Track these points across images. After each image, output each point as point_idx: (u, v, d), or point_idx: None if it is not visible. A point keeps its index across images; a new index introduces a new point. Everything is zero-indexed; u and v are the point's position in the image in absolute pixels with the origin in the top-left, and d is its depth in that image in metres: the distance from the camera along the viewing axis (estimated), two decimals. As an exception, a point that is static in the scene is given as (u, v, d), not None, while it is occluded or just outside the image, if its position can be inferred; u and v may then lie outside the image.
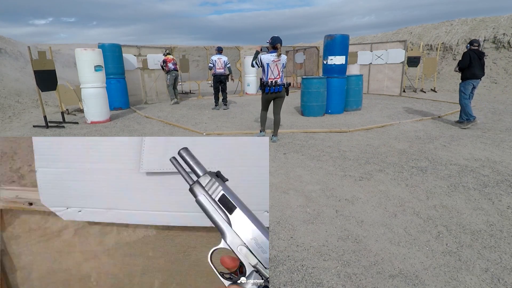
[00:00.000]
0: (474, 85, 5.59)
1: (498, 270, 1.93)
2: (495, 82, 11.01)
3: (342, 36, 7.06)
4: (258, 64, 4.61)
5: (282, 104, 4.90)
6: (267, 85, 4.62)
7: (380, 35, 18.18)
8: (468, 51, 5.51)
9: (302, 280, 1.88)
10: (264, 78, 4.66)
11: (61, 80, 8.97)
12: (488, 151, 4.25)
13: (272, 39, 4.58)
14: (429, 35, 14.69)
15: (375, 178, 3.43)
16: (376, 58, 10.90)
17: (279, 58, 4.55)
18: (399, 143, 4.75)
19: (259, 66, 4.62)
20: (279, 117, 4.93)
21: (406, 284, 1.83)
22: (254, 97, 11.54)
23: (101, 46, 8.27)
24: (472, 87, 5.59)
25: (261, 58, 4.56)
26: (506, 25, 12.05)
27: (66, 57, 16.18)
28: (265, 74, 4.61)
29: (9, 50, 11.46)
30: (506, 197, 2.89)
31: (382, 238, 2.30)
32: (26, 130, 6.33)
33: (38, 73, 6.19)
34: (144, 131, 6.05)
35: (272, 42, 4.58)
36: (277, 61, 4.56)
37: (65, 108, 7.71)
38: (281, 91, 4.70)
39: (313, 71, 12.68)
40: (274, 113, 4.93)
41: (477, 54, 5.46)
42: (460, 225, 2.45)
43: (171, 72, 9.19)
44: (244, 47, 25.38)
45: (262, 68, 4.62)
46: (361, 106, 7.95)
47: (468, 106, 5.62)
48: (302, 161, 4.04)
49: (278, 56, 4.53)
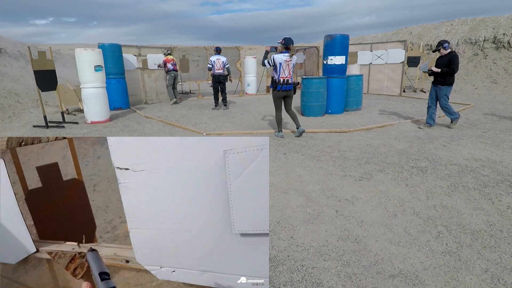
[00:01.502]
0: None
1: (498, 270, 1.93)
2: (495, 82, 11.01)
3: (342, 36, 7.06)
4: (271, 63, 4.78)
5: (291, 101, 5.17)
6: (279, 83, 4.84)
7: (380, 35, 18.17)
8: (455, 53, 5.22)
9: (302, 280, 1.88)
10: (275, 77, 4.85)
11: (61, 80, 8.98)
12: (488, 151, 4.25)
13: (285, 40, 4.76)
14: (429, 35, 14.69)
15: (375, 178, 3.43)
16: (376, 58, 10.91)
17: (291, 59, 4.75)
18: (399, 143, 4.75)
19: (271, 65, 4.79)
20: (292, 111, 5.21)
21: (406, 284, 1.83)
22: (254, 97, 11.55)
23: (101, 46, 8.27)
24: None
25: (274, 58, 4.73)
26: (506, 25, 12.05)
27: (66, 57, 16.18)
28: (277, 73, 4.80)
29: (9, 50, 11.46)
30: (506, 197, 2.89)
31: (382, 238, 2.30)
32: (26, 130, 6.33)
33: (38, 73, 6.19)
34: (144, 131, 6.05)
35: (285, 43, 4.76)
36: (289, 61, 4.75)
37: (65, 108, 7.71)
38: (291, 90, 4.96)
39: (313, 71, 12.68)
40: (286, 110, 5.18)
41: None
42: (460, 225, 2.45)
43: (170, 72, 9.21)
44: (244, 47, 25.39)
45: (274, 67, 4.79)
46: (361, 106, 7.95)
47: (450, 106, 5.52)
48: (302, 161, 4.04)
49: (290, 56, 4.73)
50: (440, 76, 5.30)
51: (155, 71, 10.11)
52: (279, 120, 5.22)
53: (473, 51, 12.64)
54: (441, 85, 5.35)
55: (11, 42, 12.46)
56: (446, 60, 5.21)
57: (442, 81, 5.33)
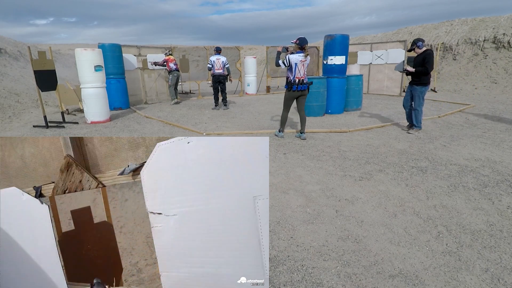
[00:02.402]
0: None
1: (498, 270, 1.93)
2: (495, 82, 11.01)
3: (342, 36, 7.06)
4: (286, 64, 4.80)
5: (305, 101, 5.16)
6: (295, 83, 4.86)
7: (380, 35, 18.17)
8: (431, 51, 4.97)
9: (302, 280, 1.88)
10: (291, 77, 4.87)
11: (61, 80, 8.98)
12: (488, 151, 4.25)
13: (299, 40, 4.79)
14: (429, 35, 14.69)
15: (375, 178, 3.43)
16: (376, 58, 10.90)
17: (305, 59, 4.79)
18: (399, 143, 4.75)
19: (286, 65, 4.81)
20: (304, 114, 5.17)
21: (406, 284, 1.83)
22: (254, 97, 11.55)
23: (101, 46, 8.27)
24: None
25: (289, 58, 4.75)
26: (506, 25, 12.05)
27: (66, 57, 16.19)
28: (293, 73, 4.82)
29: (9, 50, 11.46)
30: (506, 197, 2.89)
31: (382, 238, 2.30)
32: (26, 130, 6.33)
33: (38, 73, 6.19)
34: (144, 131, 6.05)
35: (299, 43, 4.78)
36: (304, 61, 4.79)
37: (65, 108, 7.71)
38: (305, 89, 4.98)
39: (313, 71, 12.69)
40: (299, 111, 5.16)
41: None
42: (460, 225, 2.45)
43: (173, 72, 9.19)
44: (244, 47, 25.39)
45: (290, 68, 4.82)
46: (361, 106, 7.95)
47: (421, 113, 5.30)
48: (302, 161, 4.04)
49: (305, 56, 4.77)
50: (415, 76, 5.13)
51: (155, 71, 10.10)
52: (284, 120, 5.20)
53: (473, 51, 12.64)
54: (416, 85, 5.15)
55: (11, 42, 12.46)
56: (420, 58, 5.00)
57: (417, 81, 5.12)
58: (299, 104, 5.11)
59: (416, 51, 5.10)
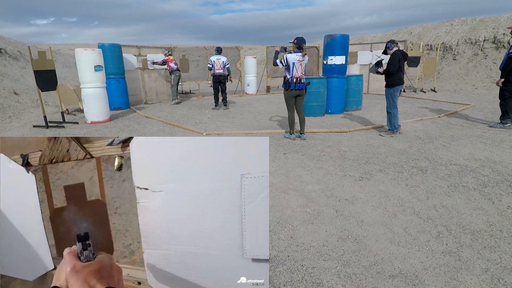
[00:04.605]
0: (400, 91, 5.14)
1: (498, 270, 1.93)
2: (495, 82, 11.00)
3: (342, 36, 7.06)
4: (283, 63, 4.80)
5: (303, 102, 5.15)
6: (292, 82, 4.86)
7: (380, 35, 18.17)
8: (396, 52, 4.92)
9: (302, 280, 1.88)
10: (288, 76, 4.86)
11: (61, 80, 8.98)
12: (488, 151, 4.25)
13: (297, 40, 4.78)
14: (429, 35, 14.69)
15: (375, 178, 3.43)
16: (376, 58, 10.90)
17: (303, 58, 4.78)
18: (399, 143, 4.75)
19: (284, 65, 4.82)
20: (303, 114, 5.17)
21: (406, 284, 1.83)
22: (254, 97, 11.54)
23: (101, 46, 8.27)
24: (399, 93, 5.10)
25: (287, 58, 4.76)
26: (506, 25, 12.04)
27: (66, 57, 16.19)
28: (290, 73, 4.82)
29: (9, 50, 11.46)
30: (506, 197, 2.88)
31: (382, 238, 2.30)
32: (26, 130, 6.32)
33: (38, 73, 6.19)
34: (144, 131, 6.05)
35: (297, 43, 4.78)
36: (302, 61, 4.79)
37: (65, 108, 7.71)
38: (303, 89, 4.97)
39: (313, 71, 12.69)
40: (297, 112, 5.15)
41: (403, 55, 4.96)
42: (460, 225, 2.45)
43: (175, 72, 9.18)
44: (244, 47, 25.39)
45: (287, 67, 4.82)
46: (361, 106, 7.95)
47: (396, 116, 5.13)
48: (302, 161, 4.04)
49: (303, 56, 4.77)
50: (385, 78, 5.14)
51: (155, 71, 10.10)
52: (291, 121, 5.16)
53: (473, 51, 12.64)
54: (385, 86, 5.15)
55: (11, 42, 12.46)
56: (389, 60, 5.00)
57: (386, 83, 5.13)
58: (297, 105, 5.10)
59: (388, 52, 5.11)
